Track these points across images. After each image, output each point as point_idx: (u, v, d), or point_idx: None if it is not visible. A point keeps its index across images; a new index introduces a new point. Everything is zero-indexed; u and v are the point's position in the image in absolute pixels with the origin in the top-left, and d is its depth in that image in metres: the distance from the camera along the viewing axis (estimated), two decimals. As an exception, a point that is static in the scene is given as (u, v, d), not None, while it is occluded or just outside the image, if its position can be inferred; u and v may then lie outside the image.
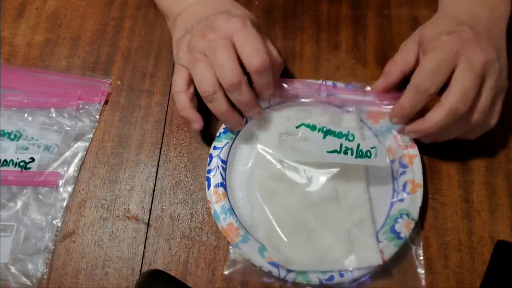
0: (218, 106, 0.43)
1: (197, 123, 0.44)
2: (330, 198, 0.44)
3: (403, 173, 0.45)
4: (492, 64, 0.41)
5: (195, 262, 0.45)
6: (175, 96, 0.45)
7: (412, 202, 0.44)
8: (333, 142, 0.45)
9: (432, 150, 0.48)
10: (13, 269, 0.45)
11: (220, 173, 0.46)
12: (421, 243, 0.44)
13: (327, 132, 0.45)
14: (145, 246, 0.46)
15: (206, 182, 0.46)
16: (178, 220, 0.47)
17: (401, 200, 0.44)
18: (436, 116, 0.41)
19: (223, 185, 0.45)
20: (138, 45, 0.56)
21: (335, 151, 0.44)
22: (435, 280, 0.44)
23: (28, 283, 0.45)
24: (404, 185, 0.45)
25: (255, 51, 0.41)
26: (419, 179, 0.45)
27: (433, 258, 0.44)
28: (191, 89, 0.45)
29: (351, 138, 0.45)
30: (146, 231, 0.47)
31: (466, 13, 0.45)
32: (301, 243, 0.43)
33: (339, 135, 0.45)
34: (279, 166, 0.45)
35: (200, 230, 0.47)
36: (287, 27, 0.56)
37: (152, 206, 0.48)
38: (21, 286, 0.45)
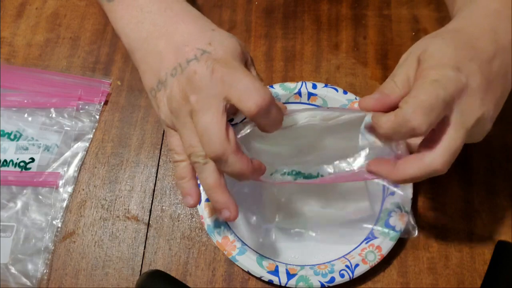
0: (205, 178, 0.36)
1: (193, 197, 0.38)
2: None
3: None
4: (486, 118, 0.34)
5: (195, 262, 0.45)
6: (175, 164, 0.38)
7: (404, 194, 0.44)
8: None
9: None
10: (13, 270, 0.45)
11: None
12: (419, 238, 0.44)
13: (297, 175, 0.41)
14: (145, 247, 0.46)
15: None
16: (178, 221, 0.47)
17: (392, 194, 0.45)
18: (409, 172, 0.34)
19: None
20: (138, 45, 0.56)
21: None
22: (435, 281, 0.44)
23: (28, 283, 0.45)
24: None
25: (250, 91, 0.34)
26: None
27: (434, 259, 0.44)
28: None
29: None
30: (146, 231, 0.47)
31: (487, 34, 0.35)
32: (297, 203, 0.45)
33: (309, 177, 0.41)
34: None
35: (200, 231, 0.46)
36: (287, 27, 0.56)
37: (152, 206, 0.48)
38: (21, 287, 0.45)
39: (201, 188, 0.45)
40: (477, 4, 0.38)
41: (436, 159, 0.33)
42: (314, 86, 0.49)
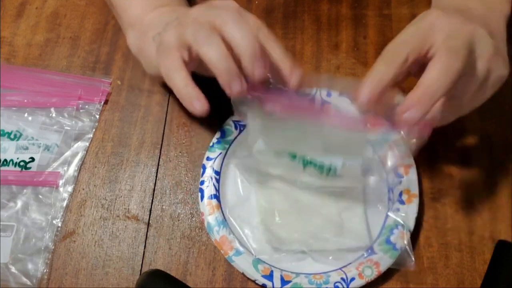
0: (215, 48, 0.36)
1: (202, 101, 0.38)
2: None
3: (399, 183, 0.45)
4: (482, 36, 0.36)
5: (195, 262, 0.45)
6: (171, 75, 0.38)
7: (408, 212, 0.43)
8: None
9: (432, 149, 0.48)
10: (13, 269, 0.45)
11: (214, 184, 0.45)
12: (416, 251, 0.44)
13: (306, 163, 0.43)
14: (145, 246, 0.46)
15: (199, 194, 0.45)
16: (178, 220, 0.47)
17: (397, 210, 0.44)
18: (430, 76, 0.34)
19: (217, 196, 0.45)
20: (138, 45, 0.56)
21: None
22: (435, 280, 0.44)
23: (28, 283, 0.45)
24: (400, 195, 0.44)
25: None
26: (415, 189, 0.44)
27: (434, 258, 0.44)
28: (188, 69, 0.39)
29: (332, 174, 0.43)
30: (146, 231, 0.47)
31: (460, 7, 0.41)
32: (293, 222, 0.44)
33: (321, 168, 0.42)
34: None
35: (200, 230, 0.46)
36: (287, 27, 0.56)
37: (152, 206, 0.48)
38: (21, 286, 0.45)
39: (203, 186, 0.45)
40: None
41: (441, 54, 0.34)
42: (329, 94, 0.49)
